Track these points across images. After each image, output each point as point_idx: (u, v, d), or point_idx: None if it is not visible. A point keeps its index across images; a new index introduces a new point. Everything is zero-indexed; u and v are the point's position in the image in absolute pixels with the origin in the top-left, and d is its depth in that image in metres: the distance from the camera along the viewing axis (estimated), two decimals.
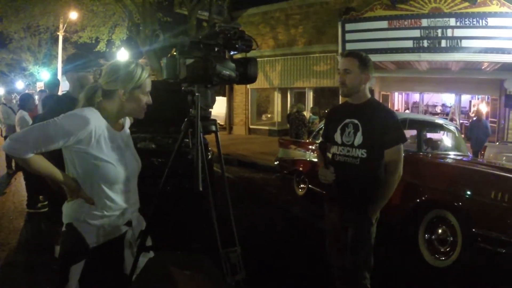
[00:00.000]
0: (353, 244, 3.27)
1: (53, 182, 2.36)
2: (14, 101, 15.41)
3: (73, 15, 23.38)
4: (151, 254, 2.62)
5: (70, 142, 2.19)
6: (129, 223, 2.49)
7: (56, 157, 2.30)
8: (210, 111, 2.48)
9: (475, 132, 12.34)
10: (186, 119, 2.44)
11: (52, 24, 25.22)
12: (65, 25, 25.78)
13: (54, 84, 7.32)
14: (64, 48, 28.19)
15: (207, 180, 2.31)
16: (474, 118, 14.30)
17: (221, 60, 2.39)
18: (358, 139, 3.21)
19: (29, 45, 36.39)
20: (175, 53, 2.36)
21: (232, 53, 2.49)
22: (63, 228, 2.37)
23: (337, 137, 3.36)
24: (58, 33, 26.49)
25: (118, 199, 2.38)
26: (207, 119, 2.46)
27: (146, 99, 2.43)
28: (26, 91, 24.67)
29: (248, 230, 5.81)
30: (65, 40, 27.66)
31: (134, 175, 2.51)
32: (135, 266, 2.46)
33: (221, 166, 2.69)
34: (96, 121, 2.27)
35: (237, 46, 2.43)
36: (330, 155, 3.40)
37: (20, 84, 43.27)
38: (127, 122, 2.61)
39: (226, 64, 2.42)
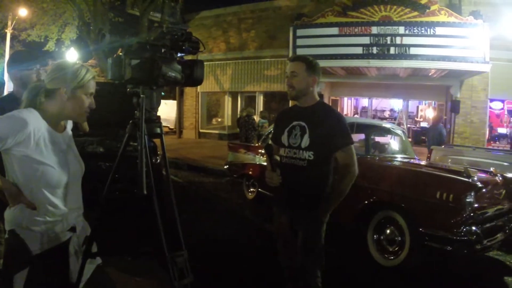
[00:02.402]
0: (304, 245, 3.28)
1: None
2: None
3: (23, 12, 22.61)
4: (99, 260, 2.55)
5: (8, 145, 2.12)
6: (73, 229, 2.41)
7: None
8: (155, 113, 2.44)
9: (430, 137, 12.74)
10: (130, 121, 2.39)
11: (0, 20, 24.35)
12: (14, 22, 24.95)
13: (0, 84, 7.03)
14: (12, 46, 27.18)
15: (152, 184, 2.27)
16: (431, 124, 14.78)
17: (167, 61, 2.35)
18: (305, 141, 3.23)
19: None
20: (121, 53, 2.31)
21: (179, 55, 2.45)
22: (6, 235, 2.29)
23: (284, 139, 3.37)
24: (6, 30, 25.57)
25: (61, 204, 2.31)
26: (152, 121, 2.42)
27: (89, 101, 2.39)
28: None
29: (197, 234, 5.76)
30: (13, 38, 26.67)
31: (77, 178, 2.44)
32: (81, 274, 2.38)
33: (166, 169, 2.65)
34: (35, 123, 2.20)
35: (184, 48, 2.40)
36: (278, 158, 3.41)
37: None
38: (69, 123, 2.55)
39: (172, 65, 2.38)
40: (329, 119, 3.27)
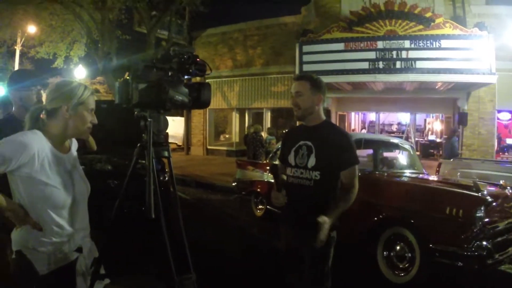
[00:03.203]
0: (311, 266, 3.25)
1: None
2: None
3: (31, 29, 22.88)
4: (107, 281, 2.55)
5: (12, 167, 2.15)
6: (79, 249, 2.42)
7: (3, 183, 2.24)
8: (163, 136, 2.45)
9: (444, 150, 12.77)
10: (138, 145, 2.41)
11: (9, 37, 24.56)
12: (23, 39, 25.22)
13: (8, 101, 7.00)
14: (21, 63, 27.45)
15: (159, 206, 2.28)
16: (445, 137, 14.77)
17: (174, 85, 2.36)
18: (312, 161, 3.21)
19: None
20: (128, 77, 2.33)
21: (186, 77, 2.47)
22: (13, 256, 2.30)
23: (291, 159, 3.36)
24: (15, 47, 25.84)
25: (66, 225, 2.33)
26: (159, 144, 2.43)
27: (91, 118, 2.42)
28: None
29: (205, 253, 5.72)
30: (22, 54, 26.93)
31: (83, 199, 2.46)
32: None
33: (173, 190, 2.65)
34: (39, 144, 2.23)
35: (190, 70, 2.41)
36: (285, 177, 3.40)
37: None
38: (74, 144, 2.58)
39: (179, 89, 2.39)
40: (335, 139, 3.25)
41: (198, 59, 2.41)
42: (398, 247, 5.43)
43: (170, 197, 5.84)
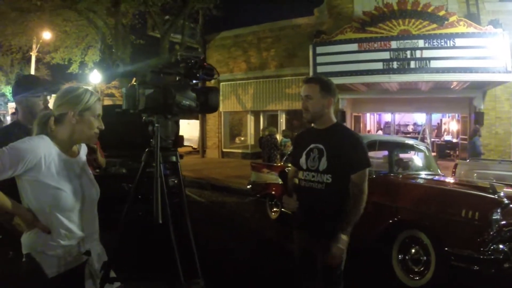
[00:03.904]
0: (323, 271, 3.22)
1: (4, 219, 2.30)
2: None
3: (46, 35, 23.18)
4: (117, 284, 2.56)
5: (19, 171, 2.17)
6: (88, 253, 2.43)
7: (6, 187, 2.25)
8: (170, 141, 2.45)
9: (467, 151, 12.66)
10: (146, 150, 2.42)
11: (24, 44, 24.85)
12: (38, 46, 25.54)
13: None
14: (36, 69, 27.83)
15: (167, 212, 2.27)
16: (462, 137, 14.66)
17: (181, 89, 2.37)
18: (323, 164, 3.18)
19: (1, 65, 35.16)
20: (135, 83, 2.34)
21: (194, 81, 2.47)
22: (23, 259, 2.33)
23: (302, 162, 3.32)
24: (30, 53, 26.19)
25: (75, 228, 2.35)
26: (167, 149, 2.44)
27: (97, 123, 2.45)
28: None
29: (219, 256, 5.73)
30: (38, 60, 27.31)
31: (92, 203, 2.49)
32: None
33: (182, 196, 2.65)
34: (46, 148, 2.26)
35: (198, 75, 2.42)
36: (297, 181, 3.37)
37: None
38: (83, 148, 2.60)
39: (186, 94, 2.40)
40: (346, 141, 3.21)
41: (205, 64, 2.41)
42: (413, 250, 5.36)
43: (182, 201, 5.85)
